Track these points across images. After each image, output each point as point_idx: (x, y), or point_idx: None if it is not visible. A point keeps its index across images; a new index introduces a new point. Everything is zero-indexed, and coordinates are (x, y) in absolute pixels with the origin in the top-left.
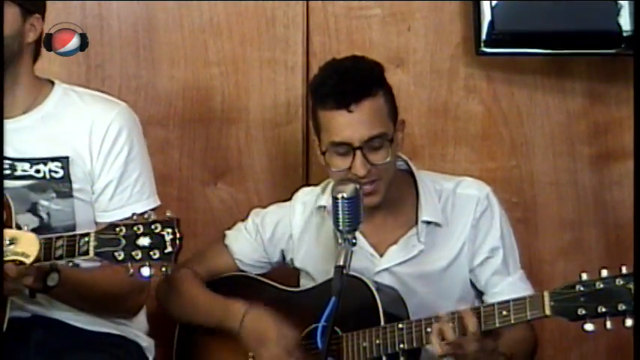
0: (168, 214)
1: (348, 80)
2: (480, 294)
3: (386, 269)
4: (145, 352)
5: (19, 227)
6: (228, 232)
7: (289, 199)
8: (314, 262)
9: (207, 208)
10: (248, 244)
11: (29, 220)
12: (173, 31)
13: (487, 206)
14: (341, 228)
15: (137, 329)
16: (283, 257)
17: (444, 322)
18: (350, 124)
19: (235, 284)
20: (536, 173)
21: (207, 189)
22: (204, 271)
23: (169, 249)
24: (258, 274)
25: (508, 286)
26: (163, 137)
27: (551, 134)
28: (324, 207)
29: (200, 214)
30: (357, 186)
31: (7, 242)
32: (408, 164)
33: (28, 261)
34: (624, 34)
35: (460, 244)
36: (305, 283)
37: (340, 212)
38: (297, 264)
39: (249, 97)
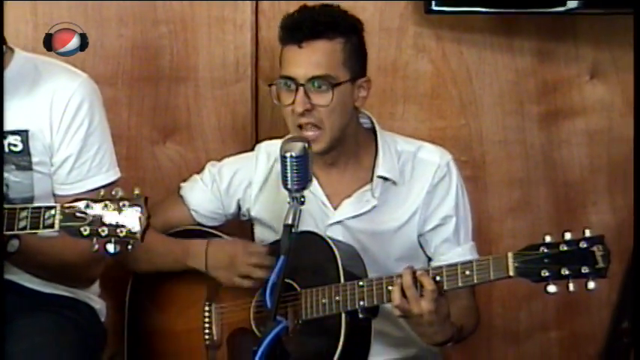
0: (136, 191)
1: (308, 19)
2: (429, 260)
3: (339, 222)
4: (98, 314)
5: None
6: (183, 184)
7: None
8: (272, 212)
9: (156, 166)
10: (204, 194)
11: None
12: None
13: (446, 173)
14: (289, 187)
15: (89, 291)
16: (239, 209)
17: (406, 281)
18: (298, 59)
19: (190, 237)
20: (485, 132)
21: (156, 148)
22: (159, 223)
23: (136, 227)
24: (213, 228)
25: (456, 255)
26: (112, 96)
27: (500, 93)
28: None
29: (149, 173)
30: (306, 144)
31: None
32: (372, 122)
33: None
34: None
35: (414, 207)
36: (260, 234)
37: (289, 171)
38: (254, 213)
39: (197, 55)
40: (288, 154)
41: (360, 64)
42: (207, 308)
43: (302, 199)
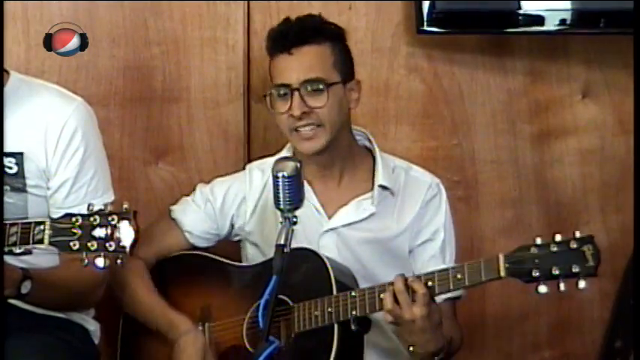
0: (125, 206)
1: (294, 27)
2: None
3: (333, 229)
4: (91, 336)
5: None
6: (173, 207)
7: None
8: (267, 229)
9: (149, 187)
10: (197, 215)
11: None
12: (114, 9)
13: (437, 193)
14: (282, 207)
15: (84, 313)
16: (232, 227)
17: (398, 286)
18: (289, 66)
19: (186, 263)
20: (478, 151)
21: (149, 168)
22: (153, 252)
23: (125, 241)
24: (206, 250)
25: None
26: (104, 117)
27: (492, 112)
28: None
29: (141, 193)
30: (298, 164)
31: None
32: (368, 139)
33: None
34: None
35: (408, 220)
36: (253, 252)
37: (281, 191)
38: (248, 229)
39: (190, 76)
40: (280, 174)
41: (349, 67)
42: (200, 328)
43: (294, 219)
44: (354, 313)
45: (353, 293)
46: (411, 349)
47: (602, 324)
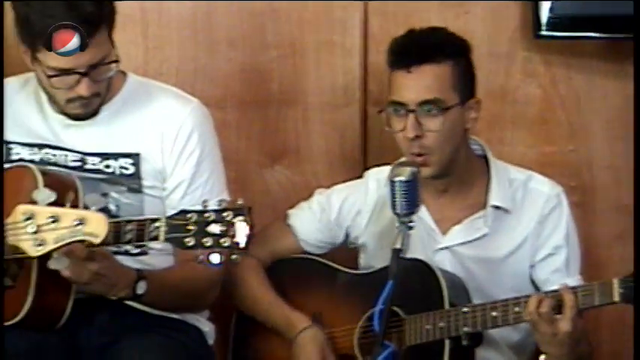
0: (239, 201)
1: (415, 43)
2: (537, 290)
3: (447, 247)
4: (206, 337)
5: (86, 208)
6: (291, 212)
7: (345, 181)
8: (380, 240)
9: (265, 190)
10: (313, 224)
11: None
12: (231, 13)
13: (557, 205)
14: (398, 211)
15: (198, 314)
16: (346, 236)
17: (541, 295)
18: (407, 84)
19: (298, 267)
20: (594, 157)
21: (265, 171)
22: (267, 254)
23: (240, 237)
24: (320, 256)
25: None
26: (221, 119)
27: (608, 118)
28: None
29: (257, 196)
30: (415, 169)
31: (76, 223)
32: (483, 149)
33: (96, 241)
34: None
35: (523, 236)
36: (366, 261)
37: (397, 195)
38: (362, 241)
39: (306, 79)
40: (397, 179)
41: (470, 86)
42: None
43: (410, 224)
44: (465, 329)
45: (465, 309)
46: (543, 357)
47: None
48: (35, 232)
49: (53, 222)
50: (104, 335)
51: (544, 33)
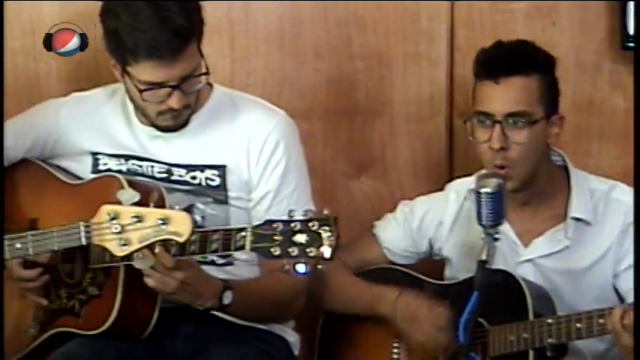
0: (325, 211)
1: (504, 54)
2: (621, 300)
3: (530, 260)
4: (291, 347)
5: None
6: (377, 222)
7: (431, 193)
8: (462, 251)
9: (351, 201)
10: (396, 233)
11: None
12: (318, 24)
13: None
14: (484, 222)
15: (284, 324)
16: (430, 247)
17: (625, 306)
18: (494, 95)
19: (383, 276)
20: None
21: (351, 182)
22: (353, 261)
23: (325, 247)
24: (405, 266)
25: None
26: (307, 130)
27: None
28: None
29: (343, 207)
30: (501, 181)
31: (160, 222)
32: (564, 160)
33: (181, 240)
34: None
35: (606, 246)
36: (450, 272)
37: (483, 207)
38: (445, 252)
39: (392, 90)
40: (483, 191)
41: (554, 101)
42: (396, 345)
43: (496, 236)
44: (550, 340)
45: (549, 320)
46: None
47: None
48: (120, 232)
49: (137, 221)
50: (190, 345)
51: (631, 45)
